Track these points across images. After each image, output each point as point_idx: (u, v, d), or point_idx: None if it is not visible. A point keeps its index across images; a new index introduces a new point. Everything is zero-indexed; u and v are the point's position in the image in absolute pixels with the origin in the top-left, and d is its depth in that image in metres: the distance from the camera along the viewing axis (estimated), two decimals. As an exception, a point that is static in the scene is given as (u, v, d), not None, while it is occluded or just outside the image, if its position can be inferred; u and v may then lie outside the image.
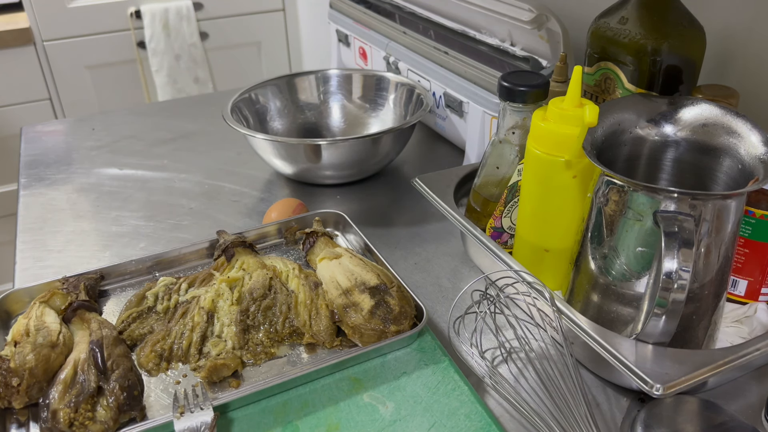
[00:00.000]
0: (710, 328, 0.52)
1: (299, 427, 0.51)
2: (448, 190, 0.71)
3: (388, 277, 0.62)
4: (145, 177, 0.92)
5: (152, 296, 0.63)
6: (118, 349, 0.55)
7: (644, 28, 0.60)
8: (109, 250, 0.76)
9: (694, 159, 0.53)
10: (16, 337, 0.55)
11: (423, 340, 0.59)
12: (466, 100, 0.87)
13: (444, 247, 0.76)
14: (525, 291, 0.57)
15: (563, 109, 0.55)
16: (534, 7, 0.76)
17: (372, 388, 0.54)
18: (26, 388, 0.51)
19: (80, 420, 0.49)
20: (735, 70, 0.69)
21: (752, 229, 0.56)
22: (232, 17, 1.88)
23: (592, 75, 0.66)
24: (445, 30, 0.95)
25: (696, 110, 0.53)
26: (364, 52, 1.14)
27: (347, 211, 0.75)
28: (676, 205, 0.46)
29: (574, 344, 0.56)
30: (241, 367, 0.56)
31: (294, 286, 0.63)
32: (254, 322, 0.60)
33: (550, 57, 0.78)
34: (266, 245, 0.73)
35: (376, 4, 1.12)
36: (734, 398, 0.54)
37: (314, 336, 0.59)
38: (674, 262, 0.44)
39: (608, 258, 0.52)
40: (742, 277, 0.59)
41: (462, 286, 0.69)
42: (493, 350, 0.59)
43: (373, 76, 1.01)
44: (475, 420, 0.51)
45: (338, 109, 1.03)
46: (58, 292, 0.61)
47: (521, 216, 0.63)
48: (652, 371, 0.46)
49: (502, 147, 0.65)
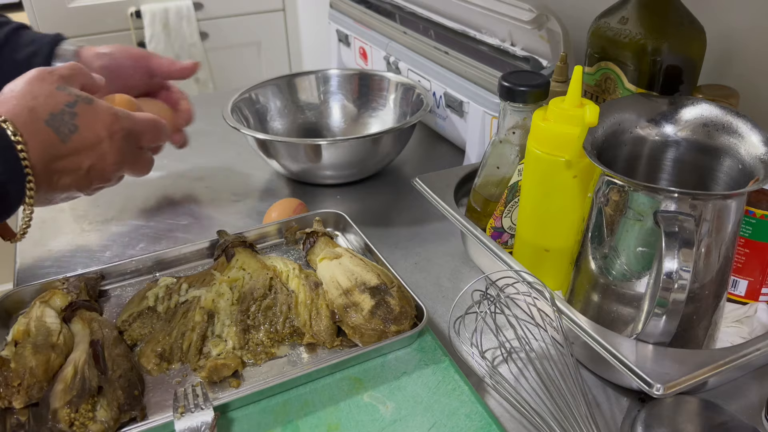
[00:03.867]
0: (710, 328, 0.52)
1: (299, 427, 0.51)
2: (448, 190, 0.71)
3: (389, 277, 0.62)
4: (146, 176, 0.92)
5: (152, 296, 0.62)
6: (119, 349, 0.56)
7: (644, 28, 0.60)
8: (109, 250, 0.76)
9: (695, 159, 0.53)
10: (17, 337, 0.55)
11: (423, 340, 0.59)
12: (467, 100, 0.87)
13: (444, 247, 0.76)
14: (525, 291, 0.57)
15: (563, 109, 0.55)
16: (534, 7, 0.76)
17: (372, 388, 0.54)
18: (26, 388, 0.51)
19: (80, 420, 0.49)
20: (735, 70, 0.69)
21: (752, 229, 0.56)
22: (232, 17, 1.89)
23: (593, 75, 0.66)
24: (445, 30, 0.95)
25: (696, 110, 0.53)
26: (364, 52, 1.13)
27: (347, 211, 0.75)
28: (676, 205, 0.46)
29: (574, 344, 0.56)
30: (242, 367, 0.56)
31: (294, 286, 0.63)
32: (254, 322, 0.60)
33: (550, 57, 0.78)
34: (266, 245, 0.73)
35: (376, 4, 1.12)
36: (734, 398, 0.54)
37: (314, 336, 0.59)
38: (675, 262, 0.44)
39: (608, 258, 0.52)
40: (743, 277, 0.59)
41: (462, 286, 0.69)
42: (494, 350, 0.59)
43: (373, 76, 1.01)
44: (475, 420, 0.51)
45: (338, 109, 1.02)
46: (58, 292, 0.61)
47: (521, 216, 0.63)
48: (652, 371, 0.46)
49: (502, 147, 0.65)
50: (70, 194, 0.62)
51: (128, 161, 0.64)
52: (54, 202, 0.61)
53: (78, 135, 0.56)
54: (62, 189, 0.59)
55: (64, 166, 0.56)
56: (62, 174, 0.56)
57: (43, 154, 0.54)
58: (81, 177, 0.59)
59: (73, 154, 0.56)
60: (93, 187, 0.63)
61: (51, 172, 0.55)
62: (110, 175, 0.62)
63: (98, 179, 0.61)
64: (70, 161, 0.56)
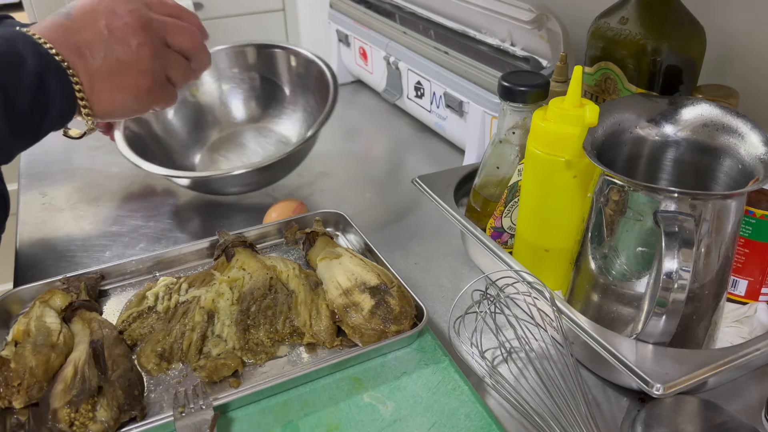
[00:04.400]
0: (710, 328, 0.52)
1: (299, 427, 0.51)
2: (448, 190, 0.71)
3: (388, 277, 0.62)
4: (145, 175, 0.92)
5: (152, 296, 0.63)
6: (119, 349, 0.56)
7: (644, 28, 0.60)
8: (109, 250, 0.76)
9: (695, 159, 0.53)
10: (17, 337, 0.55)
11: (423, 340, 0.59)
12: (466, 100, 0.87)
13: (444, 247, 0.76)
14: (525, 291, 0.57)
15: (563, 109, 0.55)
16: (534, 7, 0.76)
17: (372, 388, 0.54)
18: (26, 388, 0.51)
19: (80, 420, 0.49)
20: (735, 70, 0.69)
21: (752, 229, 0.56)
22: (232, 17, 1.88)
23: (592, 75, 0.66)
24: (445, 30, 0.95)
25: (696, 110, 0.53)
26: (364, 52, 1.14)
27: (347, 210, 0.75)
28: (676, 205, 0.46)
29: (574, 344, 0.56)
30: (242, 367, 0.56)
31: (294, 286, 0.63)
32: (254, 322, 0.60)
33: (550, 57, 0.78)
34: (266, 245, 0.73)
35: (376, 4, 1.12)
36: (734, 398, 0.54)
37: (314, 336, 0.59)
38: (674, 262, 0.44)
39: (608, 258, 0.52)
40: (742, 277, 0.59)
41: (462, 286, 0.69)
42: (494, 350, 0.59)
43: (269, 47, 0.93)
44: (475, 420, 0.51)
45: (239, 100, 0.95)
46: (58, 292, 0.61)
47: (521, 216, 0.63)
48: (652, 371, 0.46)
49: (502, 147, 0.65)
50: (122, 75, 0.55)
51: (151, 43, 0.56)
52: (115, 92, 0.55)
53: (77, 9, 0.54)
54: (107, 67, 0.54)
55: (84, 38, 0.53)
56: (90, 47, 0.53)
57: (56, 35, 0.52)
58: (107, 42, 0.54)
59: (82, 22, 0.54)
60: (129, 61, 0.55)
61: (78, 47, 0.53)
62: (134, 45, 0.55)
63: (123, 42, 0.54)
64: (85, 31, 0.53)
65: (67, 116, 0.52)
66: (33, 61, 0.49)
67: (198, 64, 0.64)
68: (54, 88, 0.51)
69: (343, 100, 1.21)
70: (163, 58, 0.56)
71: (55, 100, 0.51)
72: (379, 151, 1.02)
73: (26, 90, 0.49)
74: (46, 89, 0.50)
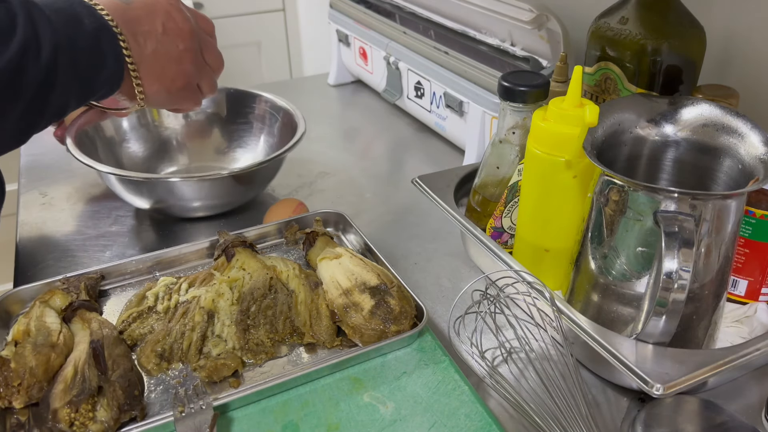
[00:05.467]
0: (710, 328, 0.52)
1: (299, 427, 0.51)
2: (448, 190, 0.71)
3: (388, 277, 0.62)
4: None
5: (152, 296, 0.63)
6: (119, 349, 0.56)
7: (644, 28, 0.60)
8: (109, 250, 0.76)
9: (695, 159, 0.53)
10: (17, 337, 0.55)
11: (423, 340, 0.59)
12: (466, 100, 0.87)
13: (444, 247, 0.76)
14: (525, 291, 0.57)
15: (563, 109, 0.55)
16: (534, 7, 0.76)
17: (372, 388, 0.54)
18: (26, 388, 0.51)
19: (81, 420, 0.49)
20: (735, 70, 0.69)
21: (752, 229, 0.56)
22: (232, 17, 1.89)
23: (592, 75, 0.66)
24: (445, 30, 0.95)
25: (696, 110, 0.53)
26: (364, 52, 1.14)
27: (347, 211, 0.75)
28: (676, 205, 0.46)
29: (574, 344, 0.56)
30: (242, 367, 0.56)
31: (294, 286, 0.63)
32: (254, 322, 0.60)
33: (550, 57, 0.78)
34: (266, 245, 0.73)
35: (376, 4, 1.12)
36: (734, 398, 0.54)
37: (314, 336, 0.59)
38: (674, 262, 0.44)
39: (608, 258, 0.52)
40: (742, 277, 0.59)
41: (462, 286, 0.69)
42: (494, 350, 0.59)
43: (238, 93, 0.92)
44: (475, 420, 0.51)
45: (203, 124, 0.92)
46: (58, 292, 0.61)
47: (521, 216, 0.63)
48: (652, 371, 0.46)
49: (502, 147, 0.65)
50: (163, 68, 0.58)
51: (194, 51, 0.60)
52: (153, 81, 0.58)
53: (137, 1, 0.57)
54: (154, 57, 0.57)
55: (141, 26, 0.56)
56: (144, 36, 0.56)
57: (116, 13, 0.54)
58: (160, 37, 0.57)
59: (141, 11, 0.56)
60: (173, 59, 0.58)
61: (134, 32, 0.55)
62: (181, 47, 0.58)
63: (173, 43, 0.58)
64: (143, 20, 0.56)
65: (115, 82, 0.55)
66: (89, 21, 0.52)
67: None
68: (107, 49, 0.53)
69: (343, 100, 1.21)
70: (199, 67, 0.61)
71: (107, 61, 0.53)
72: (379, 151, 1.02)
73: (83, 45, 0.51)
74: (99, 48, 0.53)
